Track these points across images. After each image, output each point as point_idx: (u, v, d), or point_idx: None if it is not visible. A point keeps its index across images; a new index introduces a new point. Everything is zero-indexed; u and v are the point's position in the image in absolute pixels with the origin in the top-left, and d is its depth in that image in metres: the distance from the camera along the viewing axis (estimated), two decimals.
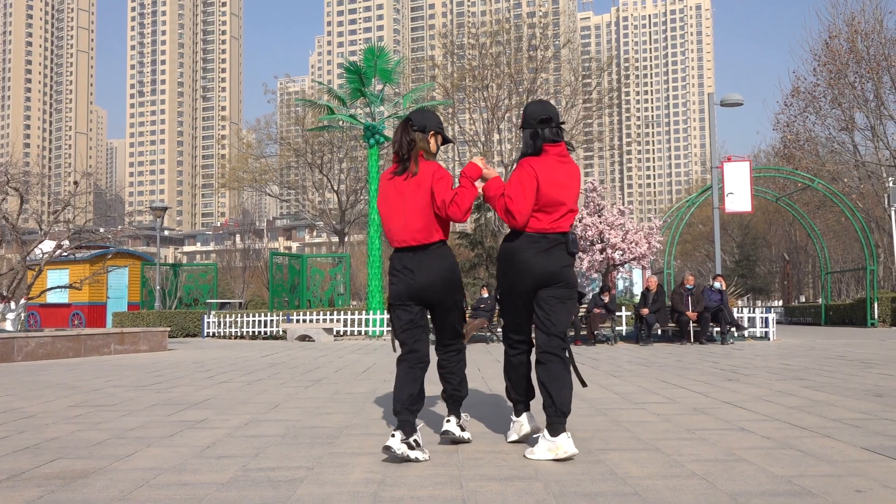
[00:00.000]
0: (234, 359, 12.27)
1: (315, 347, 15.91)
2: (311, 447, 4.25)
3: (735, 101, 22.02)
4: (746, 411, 5.48)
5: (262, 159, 51.03)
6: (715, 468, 3.59)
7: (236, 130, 62.57)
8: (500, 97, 34.11)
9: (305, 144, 47.32)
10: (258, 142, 51.97)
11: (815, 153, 38.89)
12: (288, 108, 56.37)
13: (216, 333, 22.73)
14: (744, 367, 9.47)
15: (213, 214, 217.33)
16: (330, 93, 23.38)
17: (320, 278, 27.31)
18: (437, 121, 4.21)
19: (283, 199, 54.49)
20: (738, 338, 16.85)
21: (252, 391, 7.23)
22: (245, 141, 53.14)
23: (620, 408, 5.75)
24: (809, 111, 38.45)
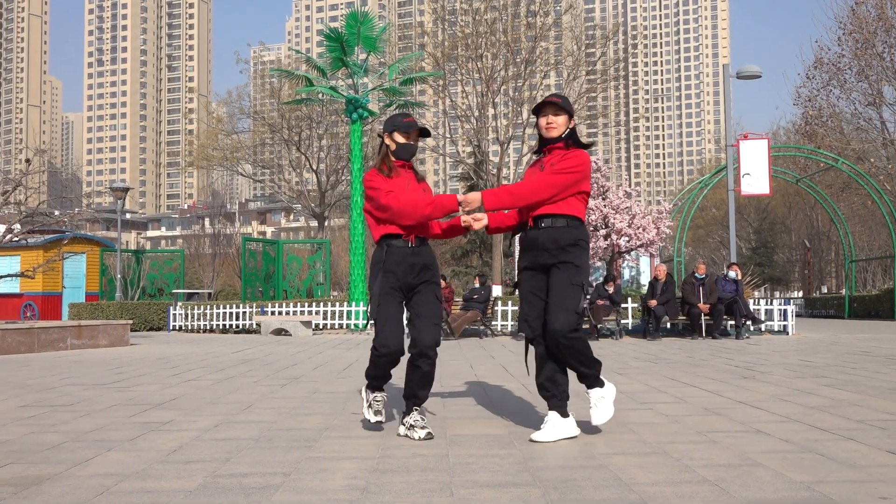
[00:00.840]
0: (203, 354, 12.26)
1: (292, 342, 15.90)
2: (287, 451, 4.25)
3: (752, 73, 22.04)
4: (763, 412, 5.51)
5: (234, 135, 50.79)
6: (728, 474, 3.61)
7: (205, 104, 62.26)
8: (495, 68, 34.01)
9: (281, 119, 47.11)
10: (229, 116, 51.69)
11: (840, 130, 38.99)
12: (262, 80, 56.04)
13: (183, 327, 22.69)
14: (760, 363, 9.52)
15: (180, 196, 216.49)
16: (308, 62, 23.28)
17: (298, 266, 27.26)
18: (390, 121, 4.82)
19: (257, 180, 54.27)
20: (755, 332, 16.93)
21: (223, 390, 7.23)
22: (215, 115, 52.86)
23: (626, 408, 5.77)
24: (833, 84, 38.49)
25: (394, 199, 4.58)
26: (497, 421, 5.25)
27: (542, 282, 4.61)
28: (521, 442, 4.44)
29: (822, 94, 38.93)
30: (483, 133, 34.54)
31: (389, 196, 4.60)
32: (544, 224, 4.55)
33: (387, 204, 4.58)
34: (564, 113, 4.64)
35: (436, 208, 4.56)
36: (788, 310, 17.31)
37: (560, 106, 4.63)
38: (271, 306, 20.97)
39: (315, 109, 45.64)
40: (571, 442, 4.43)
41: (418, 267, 4.68)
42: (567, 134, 4.66)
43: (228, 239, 65.40)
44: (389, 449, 4.27)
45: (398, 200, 4.57)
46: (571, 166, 4.51)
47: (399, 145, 4.80)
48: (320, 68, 22.71)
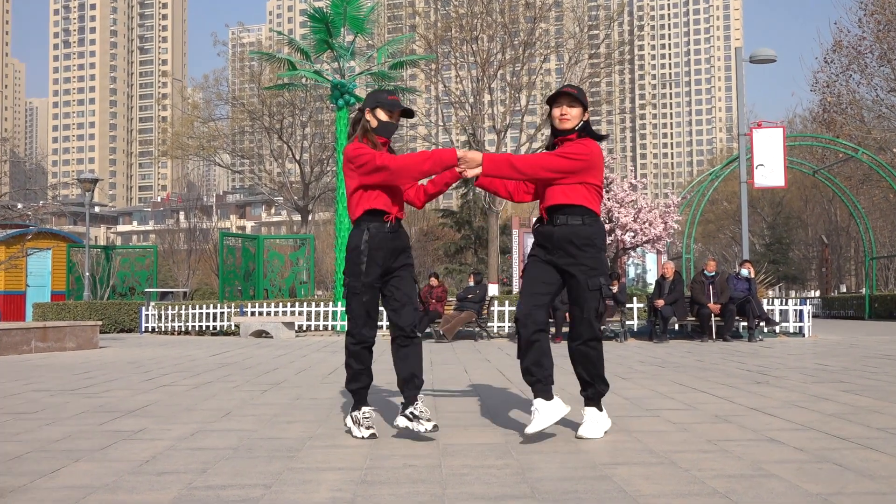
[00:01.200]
0: (178, 358, 12.24)
1: (273, 345, 15.90)
2: (268, 461, 4.25)
3: (767, 56, 22.09)
4: (777, 419, 5.53)
5: (211, 123, 50.66)
6: (739, 485, 3.62)
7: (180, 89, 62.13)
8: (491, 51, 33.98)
9: (262, 106, 47.01)
10: (206, 102, 51.54)
11: (860, 118, 39.11)
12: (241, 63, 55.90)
13: (156, 328, 22.66)
14: (774, 367, 9.55)
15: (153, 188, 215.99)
16: (291, 45, 23.25)
17: (279, 263, 27.23)
18: (372, 97, 5.01)
19: (236, 171, 54.20)
20: (768, 334, 16.99)
21: (199, 396, 7.22)
22: (190, 101, 52.73)
23: (630, 415, 5.79)
24: (853, 69, 38.59)
25: (389, 158, 4.72)
26: (493, 429, 5.26)
27: (550, 274, 4.87)
28: (518, 451, 4.45)
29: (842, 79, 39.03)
30: (478, 121, 34.51)
31: (384, 156, 4.73)
32: (559, 221, 4.79)
33: (383, 164, 4.69)
34: (579, 105, 4.84)
35: (435, 162, 4.72)
36: (804, 310, 17.36)
37: (575, 97, 4.82)
38: (251, 306, 20.95)
39: (298, 95, 45.56)
40: (573, 452, 4.44)
41: (398, 251, 4.95)
42: (581, 126, 4.86)
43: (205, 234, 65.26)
44: (378, 459, 4.28)
45: (394, 159, 4.71)
46: (578, 152, 4.71)
47: (381, 123, 4.97)
48: (304, 51, 22.67)
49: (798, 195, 58.46)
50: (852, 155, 28.71)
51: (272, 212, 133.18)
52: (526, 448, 4.55)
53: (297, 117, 47.45)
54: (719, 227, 66.29)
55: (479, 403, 6.51)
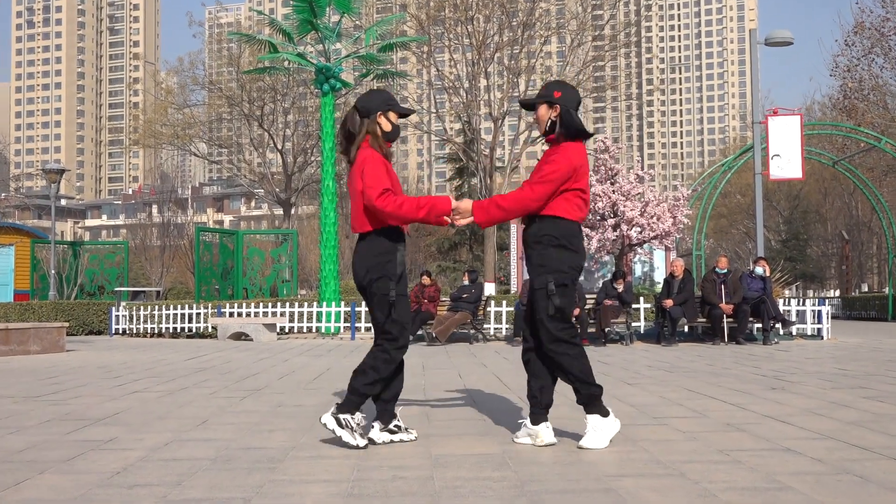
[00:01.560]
0: (151, 362, 12.23)
1: (253, 348, 15.89)
2: (248, 473, 4.25)
3: (783, 39, 22.12)
4: (793, 428, 5.54)
5: (186, 109, 50.60)
6: (753, 498, 3.63)
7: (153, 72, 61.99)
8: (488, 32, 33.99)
9: (241, 91, 46.95)
10: (181, 87, 51.47)
11: (883, 105, 39.20)
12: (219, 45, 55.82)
13: (127, 330, 22.63)
14: (790, 372, 9.58)
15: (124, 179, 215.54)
16: (272, 25, 23.19)
17: (260, 261, 27.22)
18: (382, 98, 5.12)
19: (213, 161, 54.11)
20: (784, 336, 17.03)
21: (173, 403, 7.22)
22: (164, 86, 52.61)
23: (637, 423, 5.80)
24: (876, 52, 38.68)
25: (389, 201, 4.84)
26: (489, 438, 5.26)
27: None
28: (516, 463, 4.46)
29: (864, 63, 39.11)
30: (474, 108, 34.51)
31: (384, 197, 4.85)
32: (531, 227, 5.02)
33: (382, 207, 4.84)
34: (542, 103, 5.02)
35: (429, 212, 4.90)
36: (823, 311, 17.41)
37: (533, 104, 5.06)
38: (229, 307, 20.93)
39: (280, 80, 45.49)
40: (575, 462, 4.45)
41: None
42: (550, 126, 5.00)
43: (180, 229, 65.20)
44: (366, 471, 4.28)
45: (390, 202, 4.84)
46: (550, 172, 4.85)
47: (393, 126, 5.17)
48: (286, 32, 22.64)
49: (816, 188, 58.60)
50: (875, 144, 28.78)
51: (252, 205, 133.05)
52: (524, 459, 4.55)
53: (279, 103, 47.37)
54: (732, 221, 66.42)
55: (475, 411, 6.52)
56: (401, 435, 5.10)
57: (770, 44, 22.24)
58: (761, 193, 22.55)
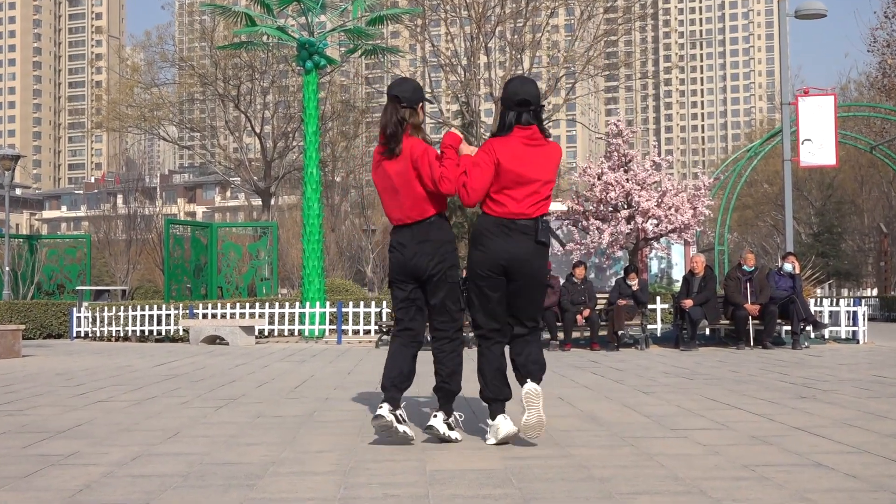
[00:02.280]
0: (116, 369, 12.23)
1: (229, 353, 15.89)
2: (223, 491, 4.26)
3: (815, 11, 22.11)
4: (825, 440, 5.56)
5: (154, 89, 50.51)
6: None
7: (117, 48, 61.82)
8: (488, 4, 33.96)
9: (215, 69, 46.87)
10: (148, 64, 51.41)
11: None
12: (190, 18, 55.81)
13: (90, 333, 22.61)
14: (822, 379, 9.60)
15: (86, 167, 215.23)
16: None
17: (236, 256, 27.19)
18: (421, 89, 5.83)
19: (184, 146, 54.11)
20: (816, 340, 17.05)
21: (141, 414, 7.22)
22: (130, 63, 52.56)
23: (653, 436, 5.82)
24: None
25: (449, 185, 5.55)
26: (490, 452, 5.28)
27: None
28: (519, 479, 4.47)
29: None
30: (473, 87, 34.49)
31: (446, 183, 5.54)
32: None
33: (447, 192, 5.56)
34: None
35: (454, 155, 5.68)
36: (859, 312, 17.43)
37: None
38: (203, 308, 20.92)
39: (258, 56, 45.40)
40: (584, 479, 4.46)
41: None
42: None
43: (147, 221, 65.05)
44: (353, 488, 4.29)
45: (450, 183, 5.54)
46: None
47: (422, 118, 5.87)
48: (265, 3, 22.59)
49: (852, 175, 58.54)
50: None
51: (227, 195, 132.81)
52: (529, 475, 4.56)
53: (257, 82, 47.28)
54: (758, 213, 66.42)
55: (474, 421, 6.53)
56: (403, 427, 5.50)
57: (801, 16, 22.24)
58: (791, 182, 22.55)
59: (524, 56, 35.03)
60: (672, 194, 21.84)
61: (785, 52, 22.92)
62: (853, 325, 17.47)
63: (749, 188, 57.76)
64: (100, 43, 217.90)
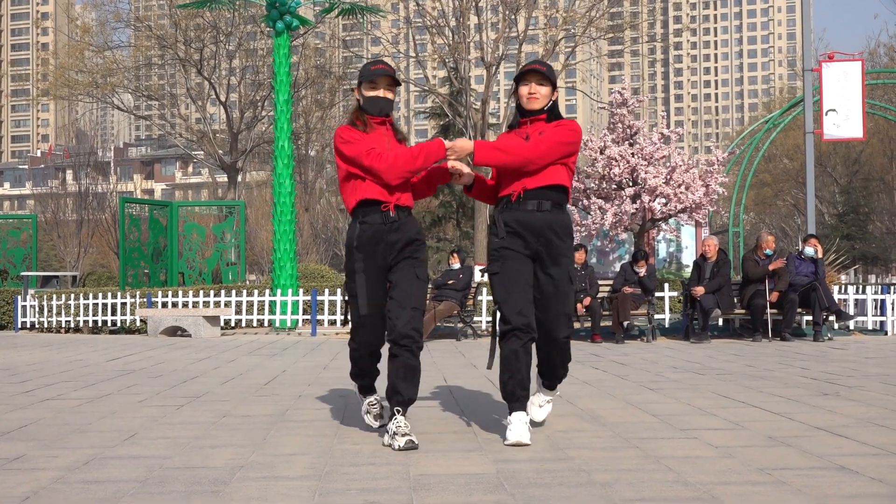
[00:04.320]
0: (66, 363, 12.21)
1: (192, 346, 15.88)
2: (186, 498, 4.27)
3: None
4: (849, 441, 5.60)
5: (108, 52, 50.27)
6: None
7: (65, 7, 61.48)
8: None
9: (175, 30, 46.67)
10: (100, 25, 51.17)
11: None
12: None
13: (37, 324, 22.57)
14: (847, 374, 9.65)
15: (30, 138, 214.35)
16: None
17: (199, 239, 27.14)
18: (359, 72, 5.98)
19: (141, 116, 53.91)
20: (840, 331, 17.12)
21: (94, 413, 7.22)
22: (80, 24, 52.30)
23: (660, 437, 5.85)
24: None
25: (376, 157, 5.54)
26: (480, 455, 5.30)
27: (530, 267, 5.75)
28: (513, 484, 4.49)
29: None
30: (462, 51, 34.41)
31: (372, 155, 5.54)
32: (531, 206, 5.69)
33: (370, 165, 5.53)
34: (549, 83, 5.77)
35: (427, 157, 5.62)
36: (887, 300, 17.51)
37: (544, 75, 5.74)
38: (162, 296, 20.90)
39: (223, 16, 45.22)
40: (584, 484, 4.48)
41: (399, 245, 5.75)
42: (549, 106, 5.79)
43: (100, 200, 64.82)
44: (329, 494, 4.30)
45: (381, 159, 5.54)
46: (572, 140, 5.71)
47: (366, 99, 5.80)
48: None
49: (881, 150, 58.74)
50: None
51: (189, 171, 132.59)
52: (522, 480, 4.58)
53: (222, 45, 47.08)
54: (777, 191, 66.60)
55: (463, 423, 6.55)
56: (392, 441, 5.57)
57: None
58: (813, 157, 22.61)
59: (519, 17, 34.96)
60: (682, 170, 21.86)
61: (808, 13, 22.94)
62: (881, 314, 17.56)
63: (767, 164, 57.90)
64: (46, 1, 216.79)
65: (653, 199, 21.69)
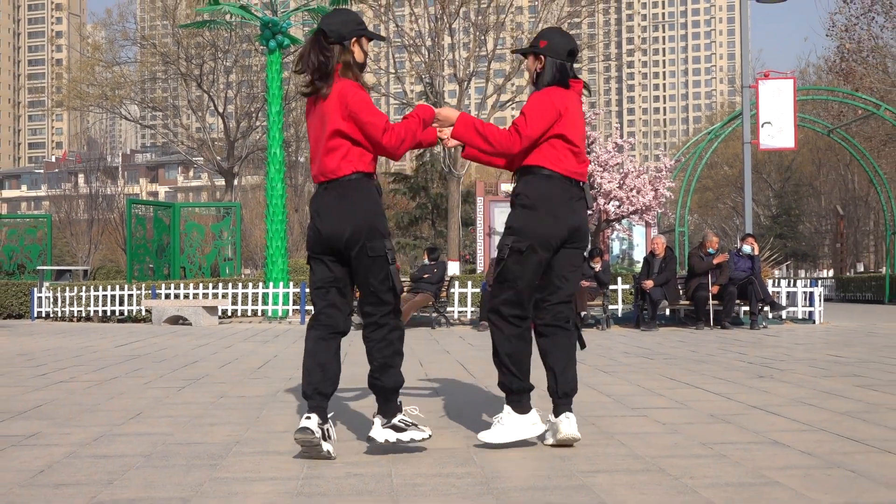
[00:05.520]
0: (78, 349, 12.14)
1: (192, 333, 15.81)
2: (186, 471, 4.25)
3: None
4: (781, 419, 5.63)
5: (116, 68, 49.95)
6: (738, 495, 3.69)
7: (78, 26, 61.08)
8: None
9: (177, 48, 46.41)
10: (109, 43, 50.79)
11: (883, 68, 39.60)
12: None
13: (51, 314, 22.42)
14: (779, 359, 9.70)
15: (46, 145, 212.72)
16: None
17: (199, 237, 27.02)
18: (354, 22, 4.76)
19: (146, 125, 53.58)
20: (773, 320, 17.23)
21: (103, 394, 7.18)
22: (91, 41, 51.95)
23: (613, 415, 5.86)
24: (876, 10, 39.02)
25: (393, 135, 4.61)
26: (453, 432, 5.30)
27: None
28: (482, 458, 4.49)
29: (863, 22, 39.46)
30: (437, 68, 34.38)
31: (390, 131, 4.60)
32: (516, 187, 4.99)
33: (387, 143, 4.59)
34: (529, 54, 5.04)
35: (424, 127, 4.81)
36: (815, 292, 17.62)
37: (523, 52, 5.11)
38: (165, 288, 20.80)
39: (221, 35, 45.02)
40: (545, 458, 4.49)
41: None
42: (537, 75, 5.01)
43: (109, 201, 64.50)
44: (317, 467, 4.30)
45: (396, 135, 4.62)
46: (529, 110, 4.80)
47: (364, 56, 4.88)
48: None
49: (810, 158, 59.09)
50: (873, 112, 29.10)
51: (190, 175, 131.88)
52: (491, 454, 4.59)
53: (220, 62, 46.86)
54: (718, 195, 66.94)
55: (437, 403, 6.55)
56: (327, 445, 4.51)
57: (762, 0, 22.36)
58: (750, 164, 22.71)
59: (488, 37, 34.94)
60: (634, 176, 21.91)
61: (746, 36, 23.04)
62: (810, 305, 17.67)
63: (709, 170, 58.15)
64: (60, 20, 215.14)
65: (607, 202, 21.73)
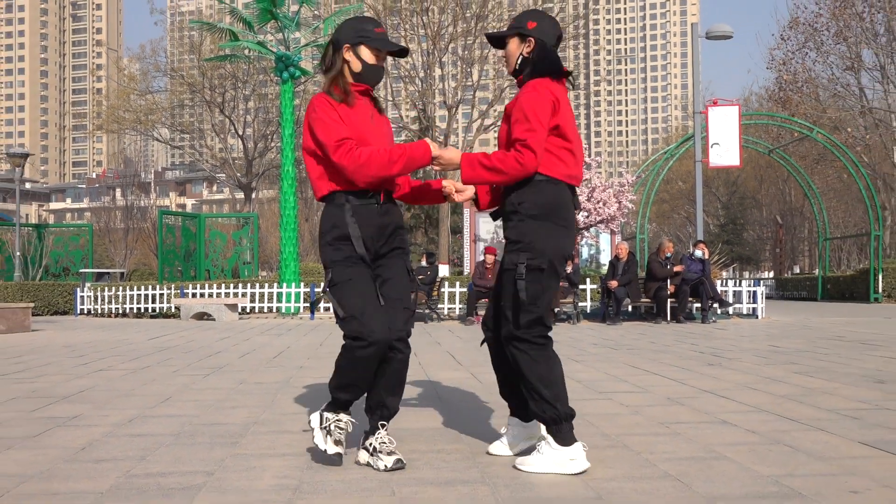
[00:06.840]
0: (115, 342, 12.10)
1: (215, 327, 15.77)
2: (210, 448, 4.24)
3: (723, 32, 22.31)
4: (729, 401, 5.64)
5: (149, 96, 49.88)
6: (691, 467, 3.69)
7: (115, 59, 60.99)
8: (442, 23, 33.89)
9: (203, 78, 46.36)
10: (143, 74, 50.72)
11: (815, 97, 39.76)
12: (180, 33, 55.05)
13: (92, 311, 22.34)
14: (727, 349, 9.72)
15: (88, 163, 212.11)
16: (233, 14, 22.91)
17: (222, 243, 26.98)
18: (353, 29, 3.83)
19: (175, 146, 53.42)
20: (722, 315, 17.27)
21: (137, 381, 7.15)
22: (126, 72, 51.82)
23: (583, 398, 5.86)
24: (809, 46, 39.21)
25: (346, 153, 3.62)
26: (443, 413, 5.29)
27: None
28: (469, 436, 4.49)
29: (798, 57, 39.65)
30: (429, 96, 34.44)
31: (342, 150, 3.63)
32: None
33: (338, 162, 3.62)
34: (513, 36, 3.85)
35: (407, 164, 3.66)
36: (758, 291, 17.67)
37: (498, 38, 3.90)
38: (192, 287, 20.74)
39: (241, 67, 45.06)
40: None
41: (389, 229, 3.85)
42: (521, 64, 3.83)
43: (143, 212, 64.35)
44: None
45: (352, 156, 3.62)
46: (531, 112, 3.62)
47: (365, 66, 3.83)
48: (246, 21, 22.39)
49: (753, 175, 59.31)
50: (807, 134, 29.20)
51: (214, 189, 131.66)
52: (477, 432, 4.58)
53: (240, 90, 46.90)
54: (674, 207, 67.09)
55: (429, 388, 6.54)
56: (373, 460, 3.75)
57: (711, 37, 22.42)
58: (701, 180, 22.77)
59: (473, 69, 35.02)
60: (600, 190, 21.95)
61: (697, 69, 23.10)
62: (753, 302, 17.72)
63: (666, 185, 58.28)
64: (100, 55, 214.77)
65: (577, 213, 21.75)
